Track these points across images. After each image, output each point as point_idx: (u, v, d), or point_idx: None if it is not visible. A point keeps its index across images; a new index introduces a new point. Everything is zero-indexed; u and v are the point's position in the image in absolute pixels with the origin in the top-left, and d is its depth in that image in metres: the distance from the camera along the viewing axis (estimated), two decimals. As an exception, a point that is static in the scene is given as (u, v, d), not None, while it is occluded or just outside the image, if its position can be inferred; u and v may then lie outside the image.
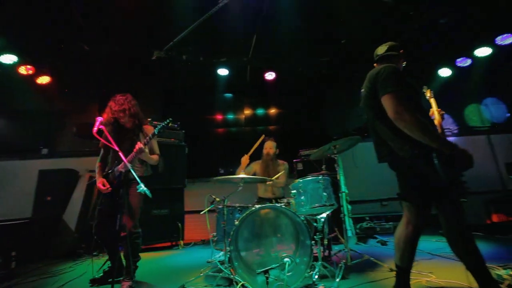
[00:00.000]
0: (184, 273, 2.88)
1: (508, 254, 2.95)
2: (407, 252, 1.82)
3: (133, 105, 2.66)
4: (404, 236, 1.83)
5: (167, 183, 4.49)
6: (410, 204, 1.83)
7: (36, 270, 3.39)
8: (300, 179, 2.56)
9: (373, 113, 1.88)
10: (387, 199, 5.34)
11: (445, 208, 1.75)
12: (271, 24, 4.44)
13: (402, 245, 1.83)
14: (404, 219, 1.87)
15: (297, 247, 2.46)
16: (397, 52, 2.06)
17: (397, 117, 1.65)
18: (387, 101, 1.71)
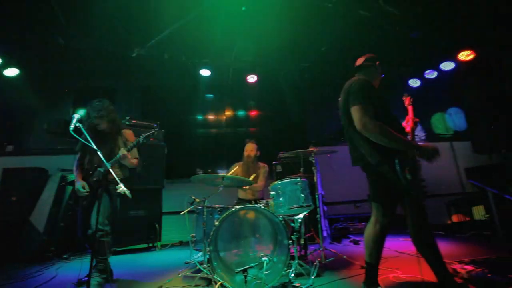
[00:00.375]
0: (161, 274, 2.86)
1: (465, 250, 3.25)
2: (375, 249, 1.98)
3: (110, 111, 2.67)
4: (373, 234, 1.99)
5: (145, 183, 4.40)
6: (378, 205, 1.99)
7: (0, 274, 3.19)
8: (279, 181, 2.65)
9: (348, 121, 2.05)
10: (361, 201, 5.62)
11: (407, 208, 1.95)
12: (255, 25, 4.52)
13: (370, 243, 1.99)
14: (373, 219, 2.03)
15: (275, 247, 2.55)
16: (373, 63, 2.24)
17: (362, 127, 1.86)
18: (355, 112, 1.91)
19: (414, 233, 1.97)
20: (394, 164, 1.81)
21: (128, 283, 2.63)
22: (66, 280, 2.76)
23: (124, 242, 4.16)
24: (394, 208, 2.04)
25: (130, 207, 4.21)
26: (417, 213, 1.93)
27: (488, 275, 2.21)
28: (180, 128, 5.92)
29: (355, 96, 1.94)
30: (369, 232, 2.01)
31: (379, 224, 1.98)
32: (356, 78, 2.11)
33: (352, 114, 1.92)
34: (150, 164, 4.50)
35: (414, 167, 1.86)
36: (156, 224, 4.39)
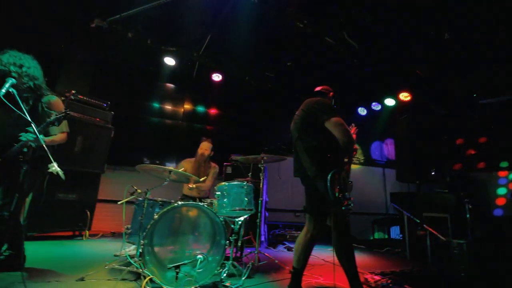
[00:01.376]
0: (85, 265, 2.65)
1: (378, 264, 3.73)
2: (303, 255, 2.18)
3: (33, 65, 2.17)
4: (303, 242, 2.19)
5: (81, 165, 4.04)
6: (311, 216, 2.20)
7: None
8: (226, 182, 2.72)
9: (298, 134, 2.24)
10: (300, 211, 6.00)
11: (333, 221, 2.18)
12: (228, 27, 4.55)
13: (300, 249, 2.19)
14: (305, 228, 2.24)
15: (212, 246, 2.59)
16: (328, 92, 2.54)
17: (347, 135, 2.03)
18: (335, 123, 2.06)
19: (335, 244, 2.22)
20: (326, 179, 2.01)
21: (44, 273, 2.37)
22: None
23: (46, 227, 3.73)
24: (324, 220, 2.27)
25: (59, 189, 3.81)
26: (340, 226, 2.18)
27: (390, 285, 2.62)
28: (133, 113, 5.58)
29: (330, 111, 2.12)
30: (300, 241, 2.21)
31: (309, 234, 2.19)
32: (318, 98, 2.33)
33: (331, 126, 2.06)
34: (92, 145, 4.14)
35: (344, 186, 2.11)
36: (88, 211, 4.04)
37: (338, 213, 2.16)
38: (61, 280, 2.23)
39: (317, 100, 2.28)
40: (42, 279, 2.21)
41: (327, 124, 2.09)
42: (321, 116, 2.13)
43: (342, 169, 2.19)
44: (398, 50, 4.92)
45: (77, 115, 4.04)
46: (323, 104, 2.22)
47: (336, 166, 2.08)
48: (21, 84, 2.12)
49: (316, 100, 2.27)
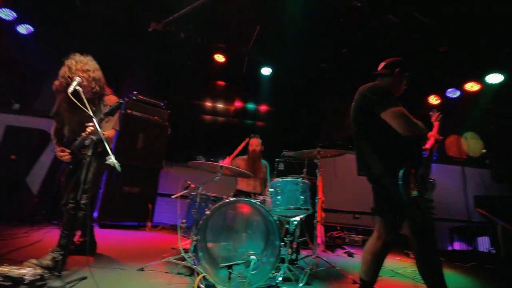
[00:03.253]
0: (146, 255, 2.77)
1: (465, 281, 3.07)
2: (373, 266, 1.84)
3: (96, 68, 2.28)
4: (373, 250, 1.85)
5: (143, 161, 4.33)
6: (382, 220, 1.84)
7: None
8: (279, 178, 2.52)
9: (358, 128, 1.92)
10: (360, 212, 5.45)
11: (410, 226, 1.78)
12: (277, 17, 4.35)
13: (369, 259, 1.85)
14: (375, 234, 1.88)
15: (266, 246, 2.42)
16: (391, 70, 2.02)
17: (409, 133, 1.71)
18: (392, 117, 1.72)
19: (416, 255, 1.82)
20: (397, 177, 1.65)
21: (110, 260, 2.54)
22: (50, 245, 2.69)
23: (115, 216, 4.10)
24: (400, 225, 1.88)
25: (125, 182, 4.15)
26: (419, 234, 1.77)
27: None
28: (187, 111, 5.81)
29: (389, 100, 1.77)
30: (369, 248, 1.87)
31: (381, 241, 1.83)
32: (376, 84, 1.95)
33: (389, 116, 1.73)
34: (152, 142, 4.42)
35: (423, 184, 1.70)
36: (150, 204, 4.32)
37: (415, 218, 1.76)
38: (124, 268, 2.34)
39: (370, 86, 1.89)
40: (108, 266, 2.35)
41: (384, 115, 1.74)
42: (376, 106, 1.78)
43: (420, 164, 1.78)
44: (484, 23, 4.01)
45: (139, 114, 4.34)
46: (376, 91, 1.84)
47: (409, 161, 1.69)
48: (90, 89, 2.26)
49: (369, 87, 1.89)
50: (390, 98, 1.79)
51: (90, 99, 2.19)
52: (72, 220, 2.07)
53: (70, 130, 2.31)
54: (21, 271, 1.76)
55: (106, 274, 2.16)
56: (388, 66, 2.04)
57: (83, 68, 2.21)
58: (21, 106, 5.11)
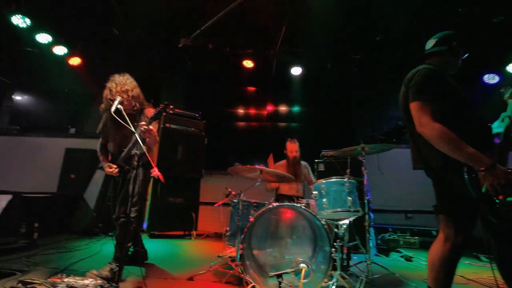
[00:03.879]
0: (194, 264, 2.81)
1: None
2: (443, 273, 1.59)
3: (134, 86, 2.45)
4: (441, 254, 1.60)
5: (184, 172, 4.47)
6: (448, 219, 1.60)
7: (55, 243, 3.50)
8: (323, 180, 2.37)
9: (407, 117, 1.69)
10: (413, 211, 4.97)
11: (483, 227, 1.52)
12: (301, 16, 4.23)
13: (437, 264, 1.61)
14: (441, 235, 1.64)
15: (314, 253, 2.29)
16: (446, 47, 1.77)
17: (420, 129, 1.53)
18: (413, 110, 1.57)
19: (496, 259, 1.55)
20: (461, 171, 1.42)
21: (160, 270, 2.62)
22: (107, 256, 2.88)
23: (162, 226, 4.27)
24: (471, 224, 1.62)
25: (169, 194, 4.31)
26: (498, 235, 1.50)
27: None
28: (221, 119, 5.92)
29: (416, 90, 1.58)
30: (436, 251, 1.63)
31: (449, 243, 1.58)
32: (421, 67, 1.69)
33: (411, 111, 1.58)
34: (190, 153, 4.55)
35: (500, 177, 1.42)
36: (193, 213, 4.43)
37: (489, 217, 1.49)
38: (175, 278, 2.39)
39: (414, 73, 1.66)
40: (160, 276, 2.42)
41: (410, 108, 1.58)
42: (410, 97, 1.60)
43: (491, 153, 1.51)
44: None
45: (176, 126, 4.51)
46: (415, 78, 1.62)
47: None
48: (131, 107, 2.41)
49: (414, 72, 1.66)
50: (420, 88, 1.57)
51: (131, 115, 2.32)
52: (124, 233, 2.18)
53: (115, 145, 2.46)
54: (84, 281, 1.88)
55: (159, 285, 2.22)
56: (442, 41, 1.78)
57: (122, 89, 2.37)
58: (76, 130, 5.69)
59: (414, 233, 4.19)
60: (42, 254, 2.99)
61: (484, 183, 1.37)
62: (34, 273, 2.32)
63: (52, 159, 5.32)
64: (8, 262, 2.59)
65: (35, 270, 2.39)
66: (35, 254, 2.94)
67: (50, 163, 5.30)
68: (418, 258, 3.38)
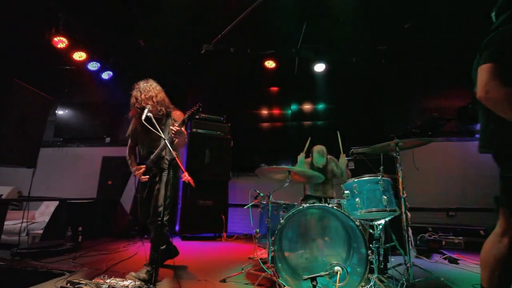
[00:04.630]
0: (225, 266, 2.85)
1: None
2: (499, 272, 1.43)
3: (158, 91, 2.52)
4: (496, 250, 1.45)
5: (212, 175, 4.56)
6: (510, 212, 1.43)
7: (97, 246, 3.75)
8: (355, 179, 2.27)
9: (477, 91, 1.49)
10: (455, 209, 4.60)
11: None
12: (322, 9, 4.11)
13: (492, 262, 1.46)
14: (498, 230, 1.48)
15: (348, 255, 2.20)
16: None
17: (483, 95, 1.36)
18: (481, 72, 1.39)
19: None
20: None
21: (194, 272, 2.68)
22: (144, 258, 3.00)
23: (193, 229, 4.39)
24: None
25: (198, 197, 4.42)
26: None
27: None
28: (246, 122, 5.95)
29: (488, 53, 1.41)
30: (491, 248, 1.47)
31: (507, 239, 1.43)
32: (500, 29, 1.48)
33: (478, 75, 1.42)
34: (217, 156, 4.64)
35: None
36: (223, 215, 4.50)
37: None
38: (208, 280, 2.42)
39: (491, 37, 1.47)
40: (193, 278, 2.47)
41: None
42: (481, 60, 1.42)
43: None
44: None
45: (202, 131, 4.62)
46: (491, 40, 1.44)
47: None
48: (157, 112, 2.50)
49: (489, 38, 1.48)
50: (493, 51, 1.39)
51: (158, 119, 2.44)
52: (158, 236, 2.25)
53: (144, 148, 2.57)
54: (124, 283, 1.97)
55: (193, 286, 2.27)
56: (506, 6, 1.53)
57: (147, 96, 2.46)
58: (111, 139, 6.06)
59: (458, 232, 3.87)
60: (86, 255, 3.21)
61: None
62: (80, 273, 2.50)
63: (91, 167, 5.72)
64: (58, 263, 2.81)
65: (81, 271, 2.56)
66: (81, 256, 3.16)
67: (90, 170, 5.70)
68: (464, 260, 3.11)
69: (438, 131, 4.93)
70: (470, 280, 2.43)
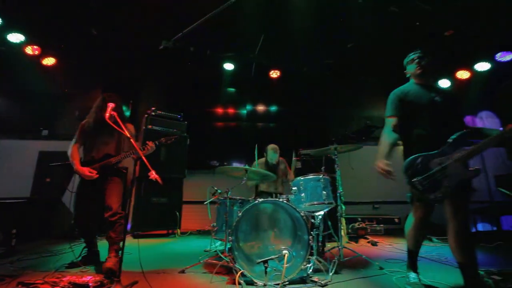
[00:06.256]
0: (182, 259, 2.98)
1: (491, 261, 3.13)
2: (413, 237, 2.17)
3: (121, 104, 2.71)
4: (411, 225, 2.17)
5: (167, 172, 4.57)
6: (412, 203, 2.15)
7: (36, 248, 3.47)
8: (301, 177, 2.68)
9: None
10: (380, 202, 5.52)
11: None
12: (280, 23, 4.50)
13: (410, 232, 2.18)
14: (411, 213, 2.15)
15: (294, 242, 2.58)
16: (407, 65, 2.28)
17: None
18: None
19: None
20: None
21: (153, 266, 2.76)
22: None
23: (147, 226, 4.36)
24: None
25: (153, 194, 4.40)
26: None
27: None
28: (202, 120, 6.05)
29: (386, 110, 2.18)
30: (408, 224, 2.21)
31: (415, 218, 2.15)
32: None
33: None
34: (173, 154, 4.66)
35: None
36: (177, 212, 4.56)
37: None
38: (167, 272, 2.56)
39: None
40: (153, 272, 2.56)
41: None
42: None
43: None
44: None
45: (158, 128, 4.60)
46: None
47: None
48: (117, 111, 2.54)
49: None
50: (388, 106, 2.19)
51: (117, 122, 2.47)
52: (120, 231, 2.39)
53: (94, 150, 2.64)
54: (84, 279, 2.01)
55: (154, 278, 2.37)
56: (405, 63, 2.32)
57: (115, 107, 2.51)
58: (49, 132, 5.50)
59: (380, 221, 4.70)
60: (26, 259, 2.98)
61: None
62: (24, 277, 2.35)
63: (24, 162, 5.12)
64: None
65: (24, 275, 2.42)
66: (19, 260, 2.92)
67: (23, 166, 5.10)
68: (382, 243, 3.85)
69: (370, 136, 5.83)
70: (384, 257, 3.09)
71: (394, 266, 2.70)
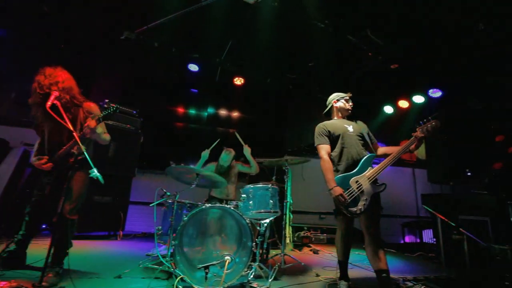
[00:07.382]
0: (121, 263, 2.82)
1: (410, 268, 3.57)
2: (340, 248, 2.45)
3: (66, 78, 2.34)
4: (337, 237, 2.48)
5: (115, 169, 4.29)
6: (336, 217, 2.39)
7: None
8: (251, 185, 2.76)
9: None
10: (326, 213, 5.90)
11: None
12: (249, 32, 4.62)
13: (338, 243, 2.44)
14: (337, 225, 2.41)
15: (238, 248, 2.63)
16: (330, 103, 2.75)
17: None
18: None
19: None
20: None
21: (86, 270, 2.55)
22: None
23: (84, 227, 4.01)
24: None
25: (95, 192, 4.09)
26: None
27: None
28: (159, 119, 5.83)
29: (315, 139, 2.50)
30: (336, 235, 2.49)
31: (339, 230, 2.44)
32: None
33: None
34: (123, 150, 4.40)
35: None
36: (121, 213, 4.29)
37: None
38: (101, 277, 2.39)
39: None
40: (84, 276, 2.38)
41: None
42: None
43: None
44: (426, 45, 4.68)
45: (110, 122, 4.30)
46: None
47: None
48: (61, 98, 2.30)
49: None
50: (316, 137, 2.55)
51: (66, 108, 2.23)
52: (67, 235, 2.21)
53: (50, 140, 2.34)
54: None
55: (83, 284, 2.20)
56: (328, 101, 2.83)
57: (51, 82, 2.27)
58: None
59: (324, 231, 5.03)
60: None
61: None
62: None
63: None
64: None
65: None
66: None
67: None
68: (323, 251, 4.12)
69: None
70: (322, 264, 3.31)
71: (330, 273, 2.92)
